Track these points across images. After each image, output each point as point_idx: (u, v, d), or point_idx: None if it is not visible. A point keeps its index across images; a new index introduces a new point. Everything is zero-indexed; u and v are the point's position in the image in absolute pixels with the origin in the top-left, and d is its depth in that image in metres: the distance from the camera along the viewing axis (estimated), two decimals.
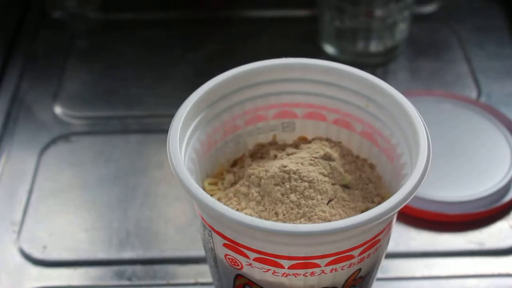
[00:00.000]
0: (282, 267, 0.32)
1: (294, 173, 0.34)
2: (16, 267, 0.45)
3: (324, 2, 0.57)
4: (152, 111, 0.56)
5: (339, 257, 0.32)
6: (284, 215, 0.33)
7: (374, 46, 0.59)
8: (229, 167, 0.38)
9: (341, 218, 0.33)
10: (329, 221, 0.33)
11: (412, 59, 0.61)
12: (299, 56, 0.38)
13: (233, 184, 0.36)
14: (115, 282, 0.44)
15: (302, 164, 0.35)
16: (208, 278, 0.44)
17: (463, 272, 0.45)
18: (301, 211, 0.33)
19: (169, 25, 0.65)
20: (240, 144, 0.39)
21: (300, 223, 0.32)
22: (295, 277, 0.32)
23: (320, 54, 0.60)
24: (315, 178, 0.34)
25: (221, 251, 0.33)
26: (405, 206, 0.46)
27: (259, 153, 0.38)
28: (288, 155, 0.36)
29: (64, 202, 0.49)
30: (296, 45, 0.61)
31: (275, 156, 0.37)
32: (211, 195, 0.32)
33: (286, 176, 0.34)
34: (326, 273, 0.32)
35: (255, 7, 0.64)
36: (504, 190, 0.48)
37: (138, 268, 0.45)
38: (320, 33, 0.60)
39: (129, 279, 0.45)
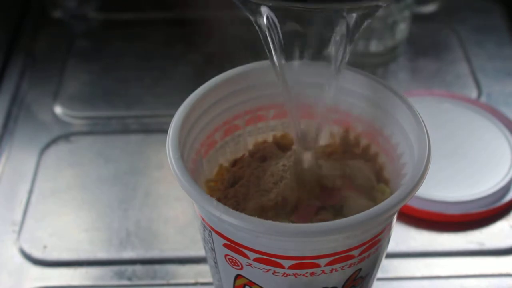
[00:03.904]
0: (282, 267, 0.32)
1: None
2: (16, 267, 0.45)
3: None
4: (152, 111, 0.56)
5: (339, 257, 0.32)
6: None
7: (374, 46, 0.59)
8: (229, 167, 0.38)
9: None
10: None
11: (413, 59, 0.61)
12: None
13: (233, 184, 0.36)
14: (115, 282, 0.44)
15: None
16: (208, 278, 0.44)
17: (463, 272, 0.45)
18: None
19: (169, 25, 0.65)
20: (240, 144, 0.39)
21: None
22: (295, 277, 0.32)
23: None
24: None
25: (221, 251, 0.33)
26: (405, 206, 0.46)
27: (259, 153, 0.38)
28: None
29: (64, 202, 0.49)
30: None
31: (275, 156, 0.37)
32: (211, 196, 0.32)
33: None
34: (326, 273, 0.32)
35: None
36: (504, 190, 0.48)
37: (138, 268, 0.45)
38: None
39: (129, 279, 0.45)
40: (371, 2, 0.29)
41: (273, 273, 0.32)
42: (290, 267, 0.32)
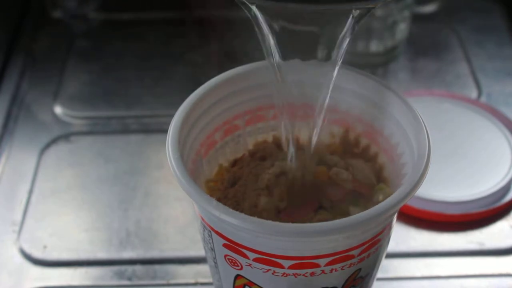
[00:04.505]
0: (282, 267, 0.32)
1: None
2: (16, 267, 0.45)
3: None
4: (152, 111, 0.56)
5: (339, 257, 0.32)
6: None
7: (374, 46, 0.59)
8: (229, 167, 0.38)
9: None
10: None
11: (412, 59, 0.61)
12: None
13: (233, 184, 0.36)
14: (115, 282, 0.44)
15: None
16: (208, 278, 0.44)
17: (463, 272, 0.45)
18: None
19: (169, 25, 0.65)
20: (240, 144, 0.39)
21: None
22: (295, 277, 0.32)
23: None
24: None
25: (221, 252, 0.33)
26: (405, 206, 0.46)
27: (259, 153, 0.38)
28: None
29: (64, 202, 0.49)
30: None
31: (275, 156, 0.37)
32: (211, 196, 0.32)
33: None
34: (326, 273, 0.32)
35: None
36: (504, 190, 0.48)
37: (138, 268, 0.45)
38: None
39: (129, 279, 0.45)
40: (369, 3, 0.29)
41: (273, 273, 0.32)
42: (290, 267, 0.32)
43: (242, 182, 0.35)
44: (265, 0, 0.29)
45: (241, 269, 0.33)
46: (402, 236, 0.47)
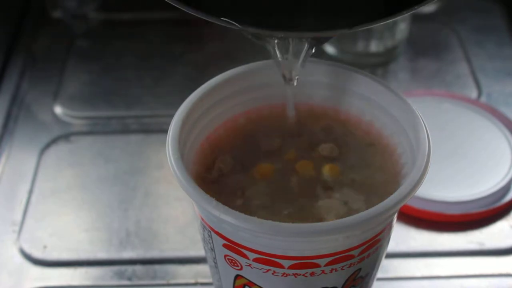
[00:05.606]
0: (281, 267, 0.32)
1: None
2: (16, 267, 0.45)
3: None
4: (152, 111, 0.56)
5: (339, 257, 0.32)
6: None
7: (374, 46, 0.59)
8: None
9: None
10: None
11: (412, 59, 0.61)
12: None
13: None
14: (115, 282, 0.44)
15: None
16: (208, 278, 0.44)
17: (463, 272, 0.45)
18: None
19: (169, 25, 0.65)
20: None
21: None
22: (295, 277, 0.32)
23: (321, 54, 0.60)
24: None
25: (221, 252, 0.33)
26: (405, 206, 0.46)
27: None
28: None
29: (64, 202, 0.49)
30: None
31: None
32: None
33: None
34: (326, 273, 0.32)
35: None
36: (504, 190, 0.48)
37: (138, 268, 0.45)
38: None
39: (129, 279, 0.45)
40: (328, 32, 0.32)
41: (272, 273, 0.32)
42: (290, 267, 0.32)
43: None
44: (268, 31, 0.33)
45: (241, 269, 0.33)
46: (402, 236, 0.47)
